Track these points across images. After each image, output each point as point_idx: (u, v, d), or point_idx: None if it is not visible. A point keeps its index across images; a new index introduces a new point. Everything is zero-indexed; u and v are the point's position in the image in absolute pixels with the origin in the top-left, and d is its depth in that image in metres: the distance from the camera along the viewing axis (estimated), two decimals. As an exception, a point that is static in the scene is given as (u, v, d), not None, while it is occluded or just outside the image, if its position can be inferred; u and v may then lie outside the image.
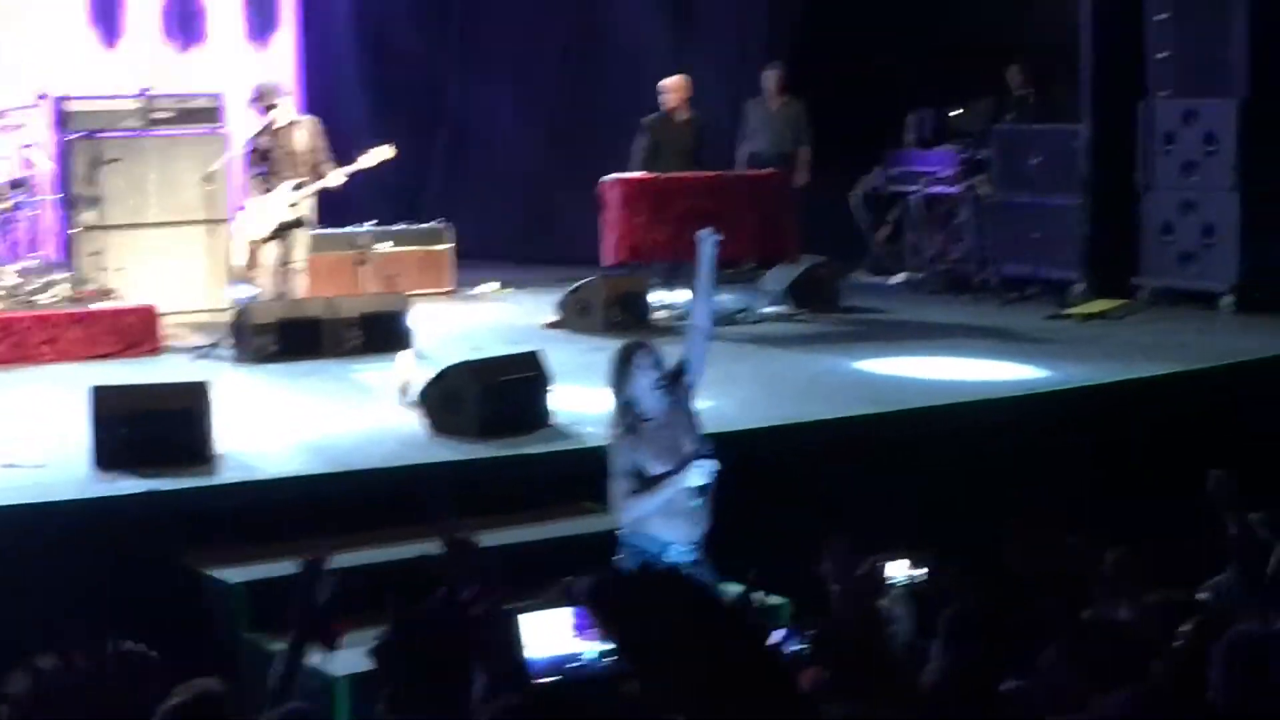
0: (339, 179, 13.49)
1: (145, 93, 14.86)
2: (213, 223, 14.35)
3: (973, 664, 4.31)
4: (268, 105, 13.54)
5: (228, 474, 9.19)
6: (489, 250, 18.19)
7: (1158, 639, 4.70)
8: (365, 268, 14.86)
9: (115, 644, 3.46)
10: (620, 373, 7.46)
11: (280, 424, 10.39)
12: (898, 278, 16.71)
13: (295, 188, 13.46)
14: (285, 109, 13.67)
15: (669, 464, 7.32)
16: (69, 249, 14.52)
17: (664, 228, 14.74)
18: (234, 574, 8.15)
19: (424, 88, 19.81)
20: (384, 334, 12.82)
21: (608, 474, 7.43)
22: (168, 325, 13.41)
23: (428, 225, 16.47)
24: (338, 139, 13.94)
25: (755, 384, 11.26)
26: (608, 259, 15.02)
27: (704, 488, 7.38)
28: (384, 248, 15.65)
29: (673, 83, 15.71)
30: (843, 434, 10.04)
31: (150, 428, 9.24)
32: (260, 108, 13.61)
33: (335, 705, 7.69)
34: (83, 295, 13.62)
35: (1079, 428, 10.53)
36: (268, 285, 13.58)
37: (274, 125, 13.50)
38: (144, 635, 4.91)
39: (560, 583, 6.36)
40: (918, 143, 17.29)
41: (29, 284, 13.46)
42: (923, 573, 6.48)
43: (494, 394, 10.02)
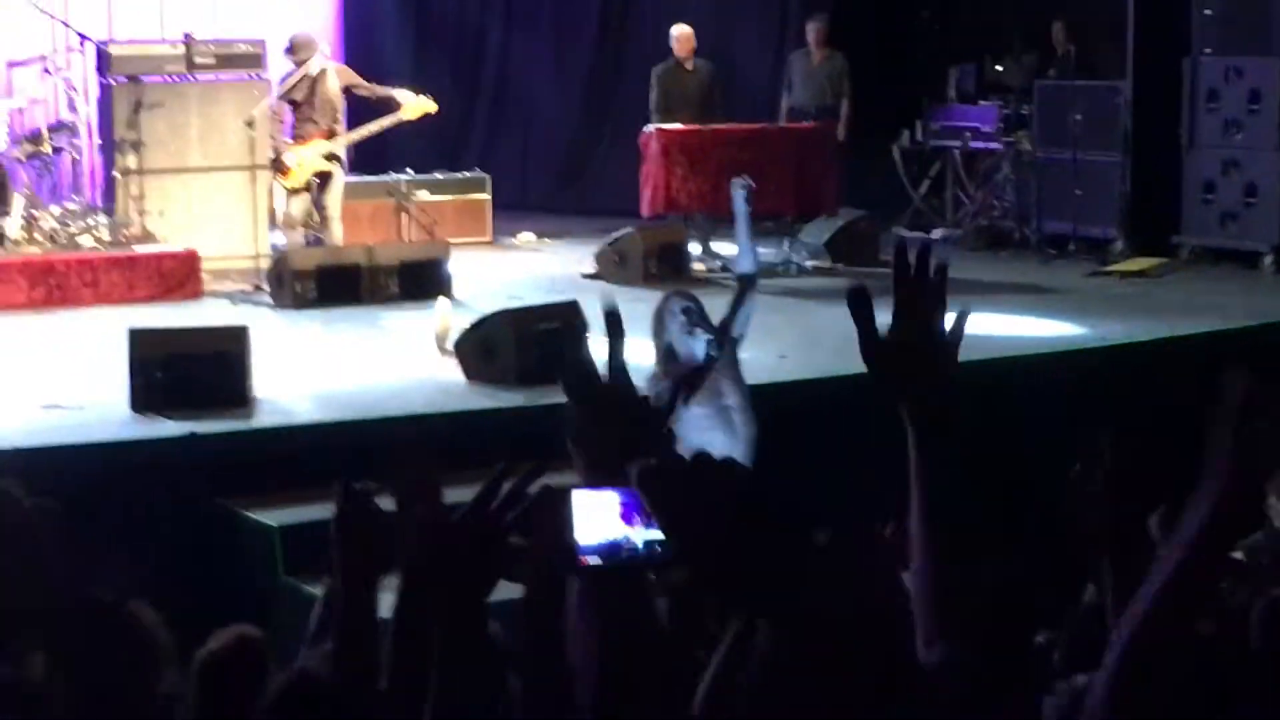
0: (375, 130, 13.51)
1: (187, 38, 14.85)
2: (254, 169, 14.34)
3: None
4: (300, 59, 13.50)
5: (265, 418, 9.22)
6: (526, 201, 18.21)
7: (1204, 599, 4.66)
8: (408, 216, 14.89)
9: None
10: (657, 320, 7.53)
11: (318, 370, 10.42)
12: (938, 233, 16.65)
13: (328, 137, 13.46)
14: (317, 60, 13.65)
15: (705, 404, 7.39)
16: (110, 193, 14.56)
17: (702, 180, 14.71)
18: (271, 517, 8.18)
19: (464, 39, 19.79)
20: (423, 282, 12.84)
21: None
22: (208, 270, 13.45)
23: (466, 175, 16.47)
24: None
25: (793, 337, 11.24)
26: (646, 211, 15.00)
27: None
28: (422, 196, 15.66)
29: (679, 32, 15.63)
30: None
31: (188, 371, 9.27)
32: (294, 59, 13.58)
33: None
34: (124, 239, 13.67)
35: (1118, 385, 10.49)
36: (298, 234, 13.60)
37: (307, 76, 13.48)
38: (180, 577, 4.93)
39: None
40: (960, 98, 17.22)
41: (70, 227, 13.50)
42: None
43: (531, 342, 10.02)
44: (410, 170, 15.86)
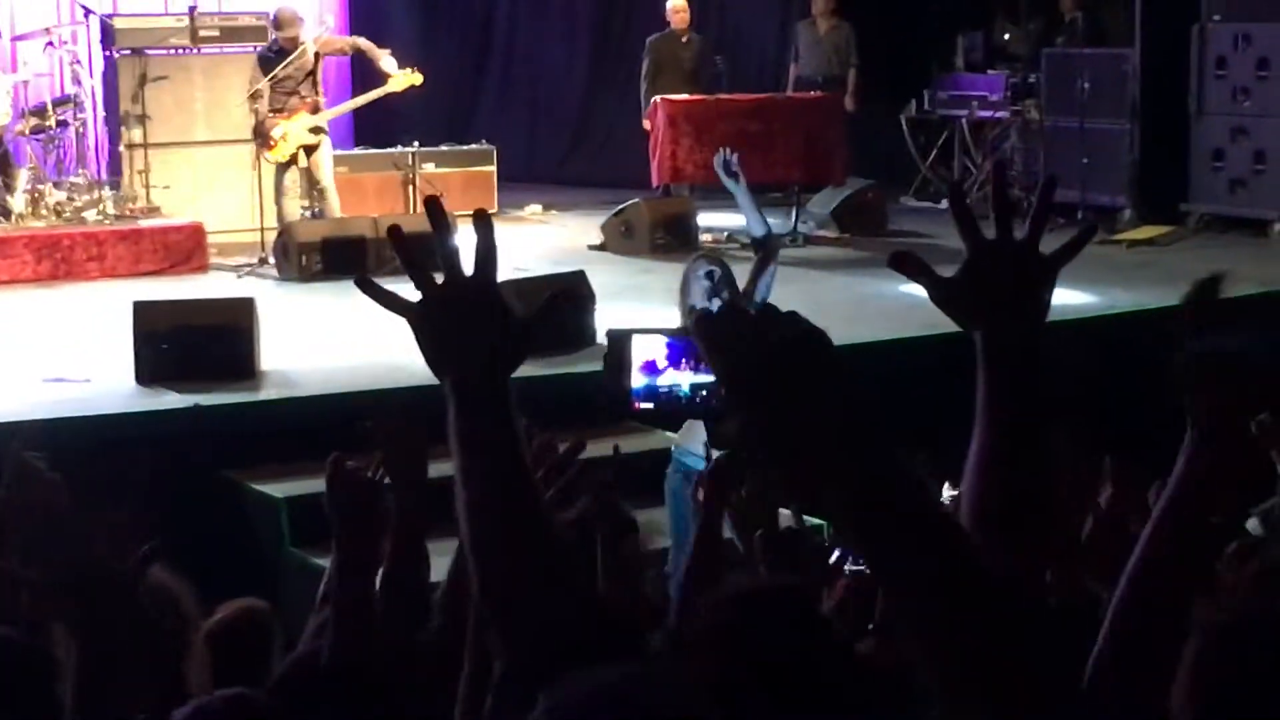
0: (361, 103, 13.50)
1: (192, 10, 14.82)
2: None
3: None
4: (287, 35, 13.38)
5: (271, 390, 9.21)
6: (532, 173, 18.17)
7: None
8: (415, 187, 14.86)
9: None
10: (683, 283, 7.61)
11: (323, 342, 10.40)
12: (946, 202, 16.60)
13: (312, 110, 13.40)
14: (301, 34, 13.52)
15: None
16: (115, 167, 14.54)
17: (708, 150, 14.64)
18: (277, 489, 8.17)
19: (470, 10, 19.74)
20: (429, 253, 12.76)
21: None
22: (213, 243, 13.43)
23: (472, 146, 16.42)
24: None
25: (802, 307, 11.04)
26: (655, 181, 14.97)
27: None
28: (428, 168, 15.63)
29: (675, 4, 15.64)
30: (889, 356, 9.99)
31: (193, 343, 9.26)
32: (280, 35, 13.44)
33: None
34: (129, 212, 13.65)
35: (1127, 353, 10.46)
36: (293, 207, 13.52)
37: (290, 50, 13.36)
38: (187, 550, 4.91)
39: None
40: (967, 66, 17.17)
41: (75, 201, 13.48)
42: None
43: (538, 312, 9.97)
44: (416, 142, 15.82)
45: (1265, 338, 2.28)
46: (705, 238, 14.14)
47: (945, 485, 6.46)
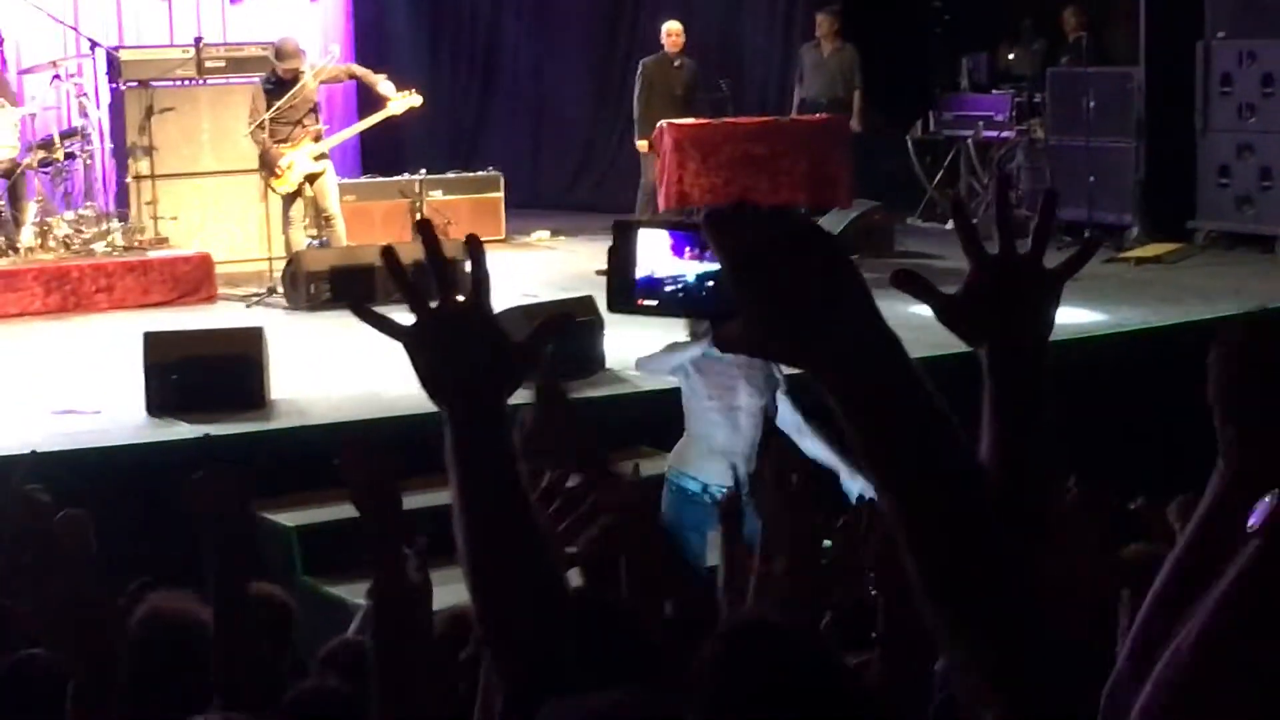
0: (362, 128, 13.55)
1: (198, 42, 14.86)
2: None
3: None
4: (289, 67, 13.39)
5: (281, 420, 9.21)
6: (540, 199, 18.21)
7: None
8: (422, 215, 14.88)
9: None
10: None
11: (333, 371, 10.41)
12: (952, 223, 16.60)
13: (315, 139, 13.42)
14: (302, 66, 13.53)
15: (716, 399, 7.48)
16: (123, 198, 14.57)
17: (714, 174, 14.68)
18: (288, 518, 8.18)
19: (476, 37, 19.79)
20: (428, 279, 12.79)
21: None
22: (221, 273, 13.46)
23: (479, 173, 16.45)
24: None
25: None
26: (661, 206, 14.98)
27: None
28: (435, 195, 15.65)
29: (670, 28, 15.69)
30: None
31: (204, 373, 9.27)
32: (281, 67, 13.44)
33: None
34: (137, 244, 13.68)
35: (1135, 371, 10.46)
36: (299, 236, 13.54)
37: (290, 81, 13.37)
38: (198, 580, 4.91)
39: None
40: (972, 87, 17.19)
41: (84, 233, 13.51)
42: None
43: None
44: (423, 170, 15.85)
45: None
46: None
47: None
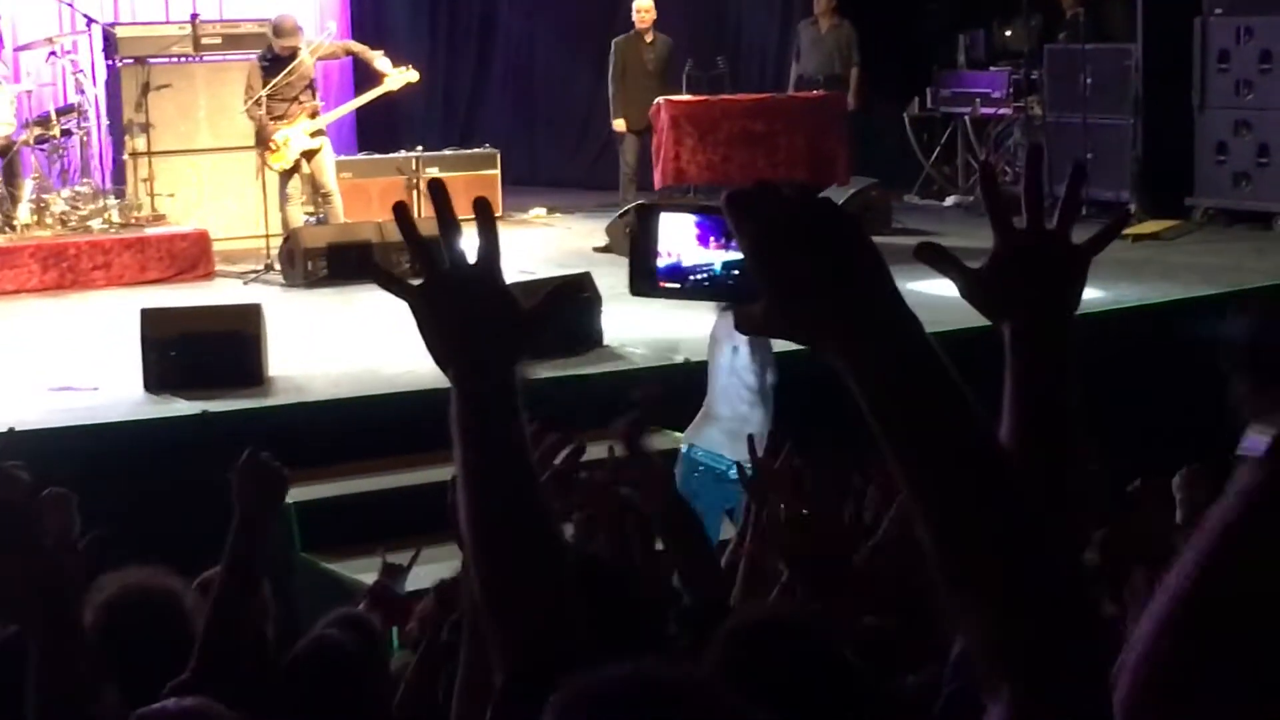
0: (359, 104, 13.53)
1: (194, 18, 14.83)
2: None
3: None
4: (286, 44, 13.35)
5: (278, 396, 9.21)
6: (536, 176, 18.19)
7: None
8: (419, 192, 14.87)
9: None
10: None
11: (331, 347, 10.41)
12: (950, 200, 16.61)
13: (311, 115, 13.39)
14: (299, 43, 13.49)
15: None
16: (119, 175, 14.56)
17: (711, 151, 14.66)
18: (287, 494, 8.16)
19: (473, 14, 19.75)
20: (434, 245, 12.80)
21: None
22: (219, 250, 13.45)
23: (475, 150, 16.43)
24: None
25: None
26: (658, 183, 14.97)
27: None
28: (432, 172, 15.63)
29: (641, 4, 15.68)
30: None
31: (202, 350, 9.27)
32: (279, 44, 13.40)
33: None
34: (134, 221, 13.66)
35: (1133, 348, 10.46)
36: (296, 213, 13.52)
37: (287, 58, 13.34)
38: (195, 556, 4.91)
39: None
40: (969, 64, 17.16)
41: (80, 210, 13.50)
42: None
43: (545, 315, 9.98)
44: (420, 147, 15.84)
45: None
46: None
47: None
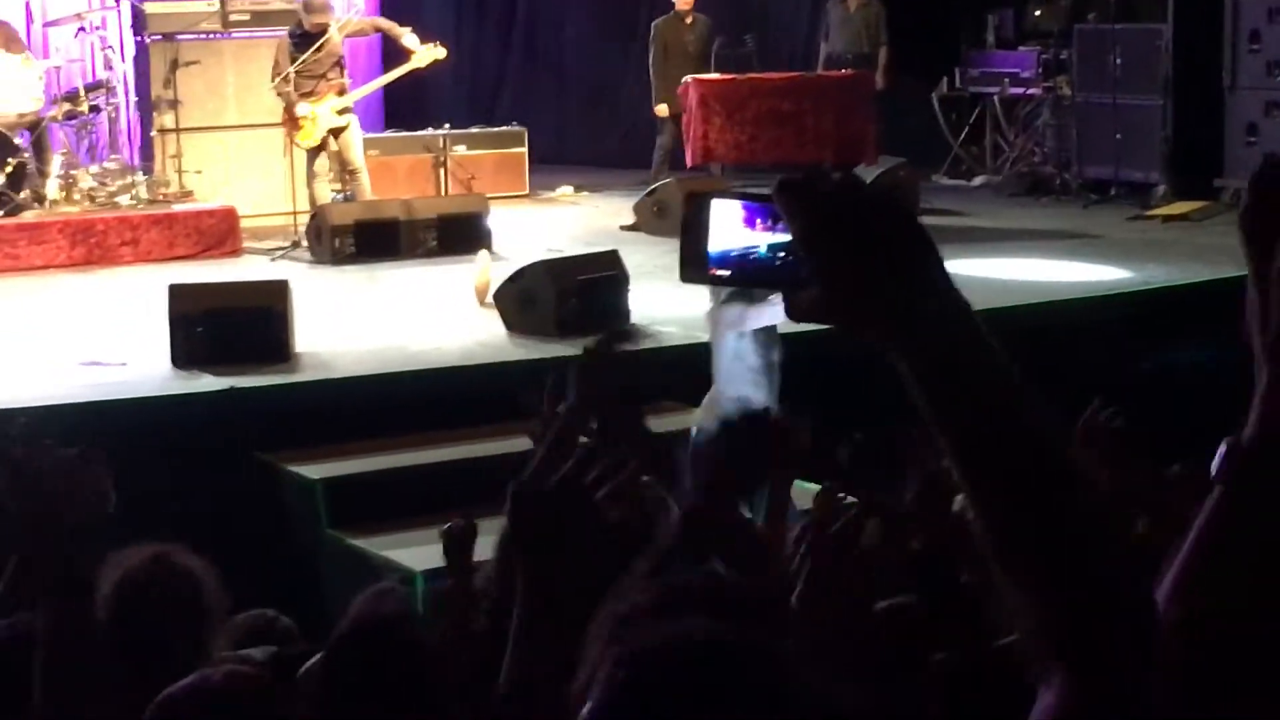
0: (387, 81, 13.53)
1: (223, -5, 14.83)
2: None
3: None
4: (316, 21, 13.32)
5: (306, 372, 9.22)
6: (564, 154, 18.18)
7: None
8: (446, 169, 14.88)
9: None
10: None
11: (358, 324, 10.42)
12: (978, 180, 16.56)
13: (339, 93, 13.38)
14: (330, 20, 13.47)
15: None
16: (147, 152, 14.58)
17: (739, 130, 14.66)
18: (313, 471, 8.18)
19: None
20: (461, 235, 12.82)
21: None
22: (246, 227, 13.46)
23: (503, 128, 16.42)
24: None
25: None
26: (689, 161, 14.98)
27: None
28: (459, 150, 15.64)
29: None
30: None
31: (229, 326, 9.28)
32: (309, 20, 13.37)
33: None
34: (162, 197, 13.68)
35: (1161, 329, 10.44)
36: (324, 190, 13.51)
37: (317, 35, 13.32)
38: (223, 532, 4.92)
39: None
40: (998, 43, 17.11)
41: (108, 186, 13.51)
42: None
43: (571, 293, 10.00)
44: (447, 125, 15.84)
45: None
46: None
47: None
